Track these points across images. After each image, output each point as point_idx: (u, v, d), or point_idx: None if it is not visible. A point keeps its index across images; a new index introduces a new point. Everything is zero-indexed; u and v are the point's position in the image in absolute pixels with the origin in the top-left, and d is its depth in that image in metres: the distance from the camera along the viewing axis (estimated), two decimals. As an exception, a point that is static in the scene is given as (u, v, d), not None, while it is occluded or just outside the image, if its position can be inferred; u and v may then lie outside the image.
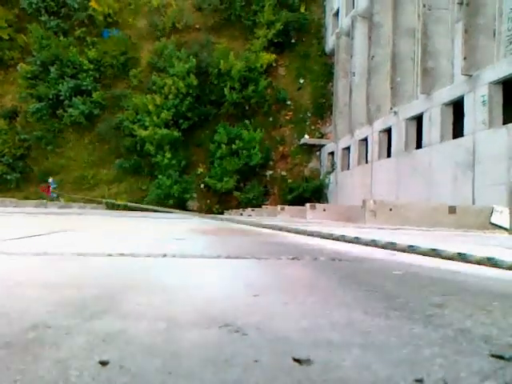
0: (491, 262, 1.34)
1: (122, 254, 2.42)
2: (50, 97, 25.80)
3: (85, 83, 26.03)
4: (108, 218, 9.07)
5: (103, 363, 0.81)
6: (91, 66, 26.65)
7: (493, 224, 10.31)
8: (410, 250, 1.77)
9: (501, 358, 0.84)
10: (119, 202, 18.36)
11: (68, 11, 27.48)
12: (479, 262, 1.37)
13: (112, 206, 20.95)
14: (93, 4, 27.17)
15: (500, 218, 10.14)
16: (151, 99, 25.19)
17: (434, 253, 1.45)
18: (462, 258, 1.40)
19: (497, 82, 12.46)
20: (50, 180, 25.26)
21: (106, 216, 10.46)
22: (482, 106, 12.80)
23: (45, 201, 20.15)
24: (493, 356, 0.85)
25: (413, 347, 0.88)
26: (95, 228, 5.64)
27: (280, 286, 1.56)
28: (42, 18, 27.22)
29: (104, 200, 21.04)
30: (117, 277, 1.71)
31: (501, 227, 9.92)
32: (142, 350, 0.86)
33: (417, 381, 0.75)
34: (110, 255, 2.38)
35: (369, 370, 0.77)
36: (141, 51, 28.27)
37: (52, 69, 25.88)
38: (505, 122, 12.21)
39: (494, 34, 13.58)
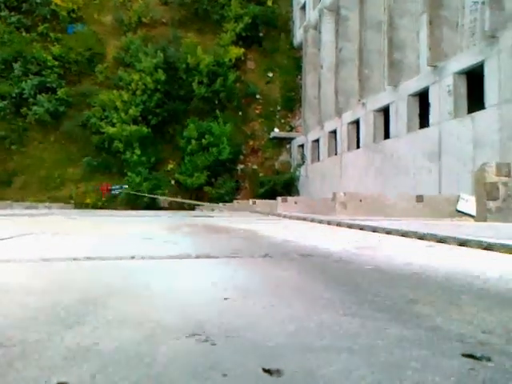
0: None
1: (88, 258, 2.36)
2: (14, 95, 25.07)
3: (49, 80, 25.40)
4: (79, 219, 8.89)
5: None
6: (56, 63, 26.00)
7: (459, 212, 10.56)
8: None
9: (472, 357, 0.84)
10: (183, 200, 18.01)
11: (29, 6, 26.69)
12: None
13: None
14: (55, -1, 26.48)
15: (466, 205, 10.39)
16: (118, 95, 24.77)
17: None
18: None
19: (461, 73, 12.72)
20: (124, 186, 24.97)
21: (78, 216, 10.24)
22: (448, 96, 13.06)
23: (9, 201, 19.62)
24: (464, 356, 0.85)
25: (388, 349, 0.88)
26: (67, 230, 5.51)
27: (256, 286, 1.55)
28: (2, 14, 26.38)
29: (168, 198, 20.54)
30: (87, 283, 1.66)
31: (467, 214, 10.16)
32: (115, 363, 0.83)
33: None
34: (75, 259, 2.32)
35: (347, 377, 0.76)
36: (107, 47, 27.74)
37: (15, 66, 25.14)
38: (469, 112, 12.50)
39: (458, 26, 13.85)
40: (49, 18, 27.12)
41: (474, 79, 12.54)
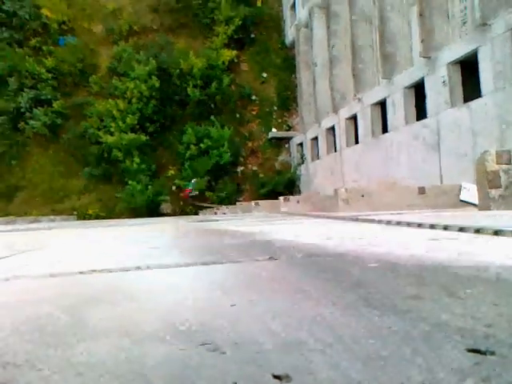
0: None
1: (93, 271, 2.37)
2: (11, 110, 25.13)
3: (44, 93, 25.43)
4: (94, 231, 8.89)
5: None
6: (50, 76, 26.05)
7: (462, 201, 10.55)
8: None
9: (477, 352, 0.84)
10: None
11: (20, 21, 26.73)
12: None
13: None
14: (45, 11, 26.52)
15: (469, 195, 10.38)
16: (114, 104, 24.80)
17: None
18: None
19: (455, 62, 12.72)
20: (193, 181, 24.97)
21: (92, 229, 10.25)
22: (443, 86, 13.05)
23: (12, 217, 19.62)
24: (469, 351, 0.85)
25: (393, 347, 0.88)
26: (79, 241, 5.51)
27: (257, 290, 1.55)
28: (-6, 30, 26.45)
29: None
30: (87, 296, 1.66)
31: (470, 204, 10.16)
32: (107, 374, 0.83)
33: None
34: (81, 273, 2.33)
35: (348, 379, 0.76)
36: (99, 57, 27.77)
37: (10, 81, 25.23)
38: (466, 101, 12.49)
39: (449, 16, 13.85)
40: (40, 31, 27.17)
41: (468, 68, 12.53)
